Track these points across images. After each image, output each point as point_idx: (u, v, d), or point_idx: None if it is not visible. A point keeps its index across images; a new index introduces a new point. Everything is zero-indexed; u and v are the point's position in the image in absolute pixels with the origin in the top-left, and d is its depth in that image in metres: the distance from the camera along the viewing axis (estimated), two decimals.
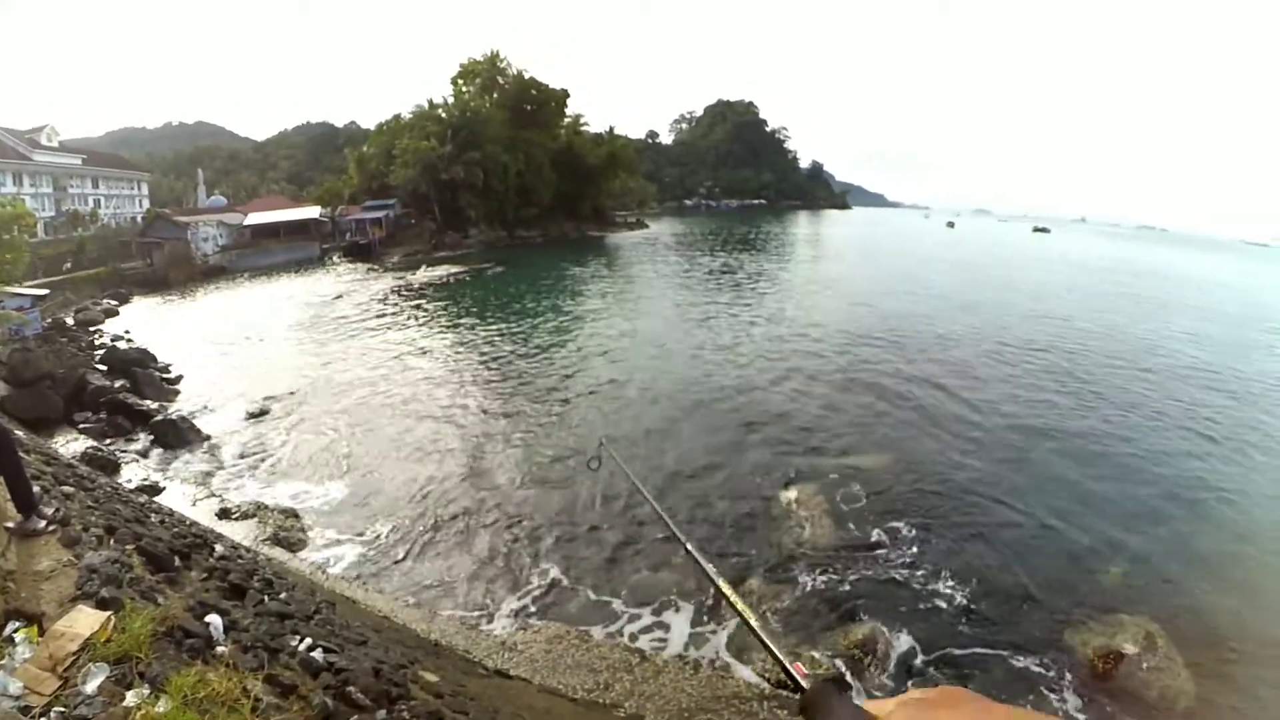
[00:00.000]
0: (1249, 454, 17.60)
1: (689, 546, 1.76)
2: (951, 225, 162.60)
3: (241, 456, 16.43)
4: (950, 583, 11.14)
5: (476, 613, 10.39)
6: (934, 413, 19.53)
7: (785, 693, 8.35)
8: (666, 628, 9.99)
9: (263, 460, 16.20)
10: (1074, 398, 21.48)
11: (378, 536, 12.65)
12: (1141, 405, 21.05)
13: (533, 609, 10.46)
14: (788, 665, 1.12)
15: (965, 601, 10.69)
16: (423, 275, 51.10)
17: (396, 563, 11.79)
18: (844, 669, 9.13)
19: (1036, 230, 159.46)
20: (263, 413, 19.47)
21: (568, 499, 13.98)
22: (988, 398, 21.03)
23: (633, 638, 9.80)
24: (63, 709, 2.81)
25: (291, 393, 21.37)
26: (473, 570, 11.53)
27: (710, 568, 1.62)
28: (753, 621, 1.34)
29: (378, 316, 34.93)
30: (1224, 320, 40.25)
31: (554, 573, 11.40)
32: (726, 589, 1.50)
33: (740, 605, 1.42)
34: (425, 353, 26.81)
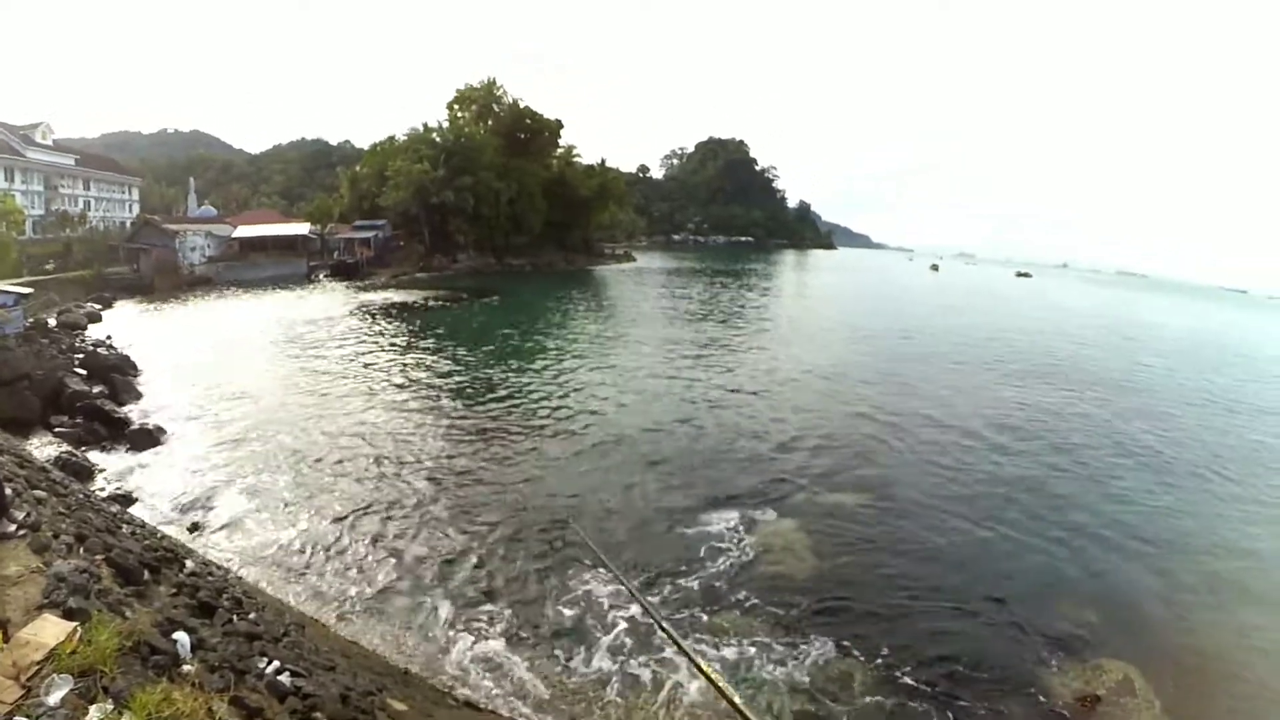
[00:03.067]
0: (1238, 498, 18.01)
1: (665, 626, 1.76)
2: (935, 268, 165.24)
3: (215, 470, 16.08)
4: (925, 623, 11.08)
5: (446, 642, 10.16)
6: (921, 451, 19.83)
7: None
8: (636, 672, 9.71)
9: (235, 475, 15.84)
10: (1060, 436, 22.10)
11: (341, 553, 12.43)
12: (1127, 446, 21.60)
13: (503, 642, 10.20)
14: None
15: (941, 642, 10.58)
16: (405, 298, 51.24)
17: (360, 584, 11.55)
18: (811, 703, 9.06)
19: (1019, 275, 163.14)
20: (237, 428, 19.14)
21: (533, 536, 13.74)
22: (976, 434, 21.55)
23: (604, 676, 9.60)
24: (24, 719, 2.74)
25: (266, 409, 21.11)
26: (443, 599, 11.29)
27: (688, 645, 1.64)
28: (737, 700, 1.35)
29: (355, 336, 34.74)
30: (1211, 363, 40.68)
31: (524, 607, 11.22)
32: (708, 668, 1.52)
33: (722, 684, 1.44)
34: (399, 375, 26.64)
